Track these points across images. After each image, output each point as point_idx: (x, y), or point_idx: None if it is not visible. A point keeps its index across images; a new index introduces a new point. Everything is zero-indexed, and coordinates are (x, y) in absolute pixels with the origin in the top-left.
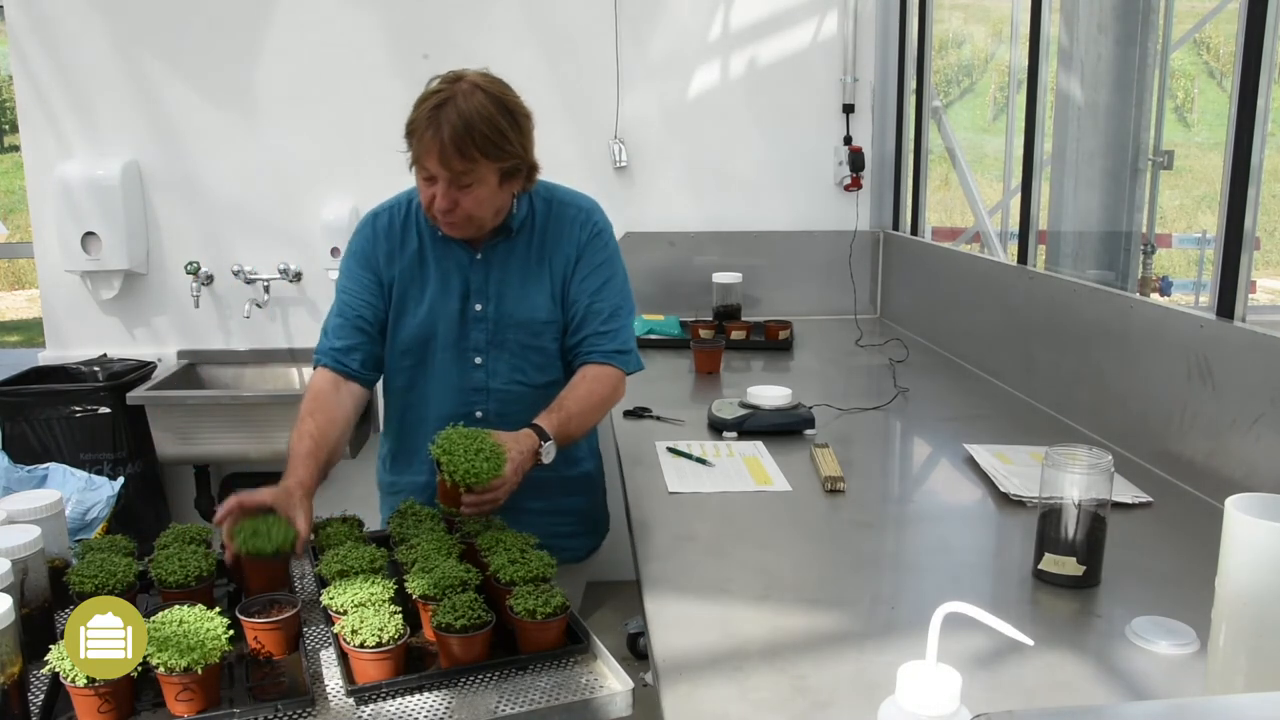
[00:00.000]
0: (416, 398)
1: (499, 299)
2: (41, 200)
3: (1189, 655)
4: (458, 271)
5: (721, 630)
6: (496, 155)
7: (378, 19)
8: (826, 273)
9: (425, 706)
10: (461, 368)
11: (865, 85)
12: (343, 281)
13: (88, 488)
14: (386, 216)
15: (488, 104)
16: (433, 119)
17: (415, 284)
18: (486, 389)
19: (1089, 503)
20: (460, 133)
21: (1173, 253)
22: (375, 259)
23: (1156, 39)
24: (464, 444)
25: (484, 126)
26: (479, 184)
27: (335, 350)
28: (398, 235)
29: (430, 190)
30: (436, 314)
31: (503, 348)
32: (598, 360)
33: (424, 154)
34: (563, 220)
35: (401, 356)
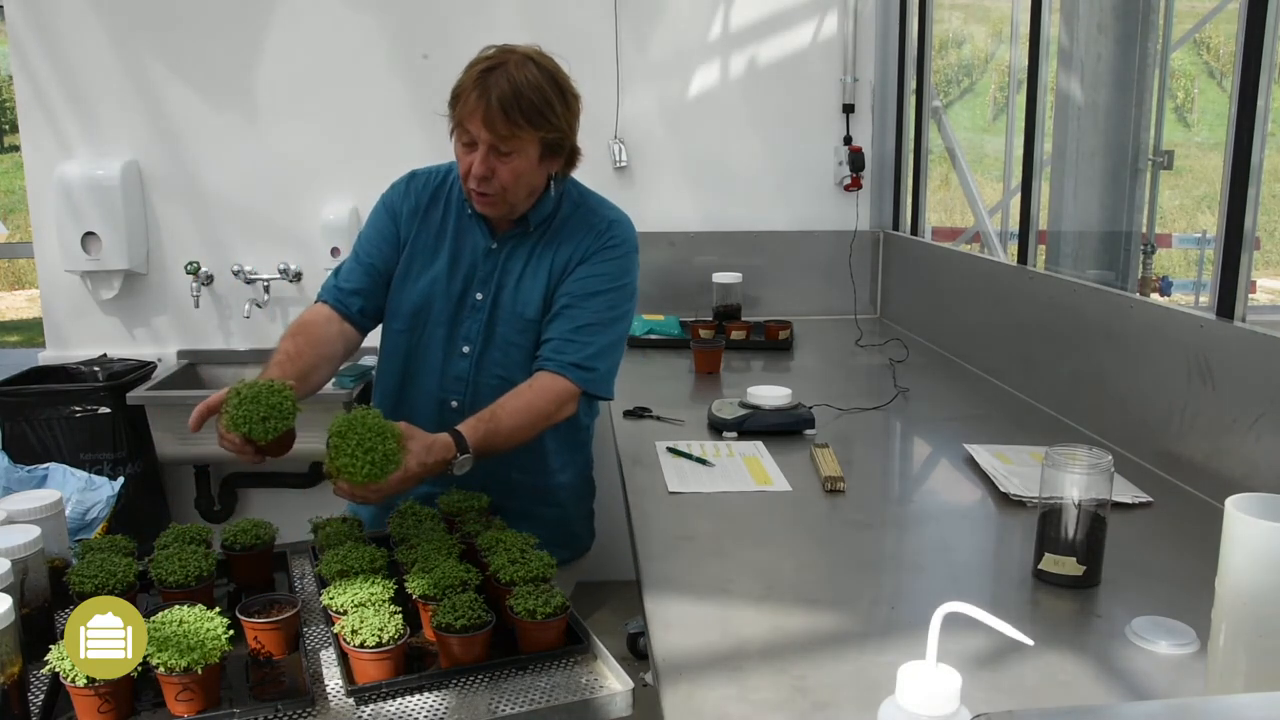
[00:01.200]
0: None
1: (500, 293)
2: (41, 200)
3: (1189, 655)
4: (470, 255)
5: (721, 630)
6: (541, 124)
7: (378, 19)
8: (826, 273)
9: (425, 706)
10: (448, 353)
11: (865, 85)
12: (365, 229)
13: (88, 488)
14: (424, 178)
15: (538, 75)
16: (480, 82)
17: (426, 252)
18: (468, 380)
19: (1089, 503)
20: (508, 97)
21: (1173, 253)
22: (400, 212)
23: (1156, 39)
24: (361, 435)
25: (532, 94)
26: (519, 154)
27: (340, 290)
28: (427, 198)
29: (469, 157)
30: (437, 290)
31: (491, 341)
32: (553, 369)
33: (468, 116)
34: (580, 223)
35: (394, 318)
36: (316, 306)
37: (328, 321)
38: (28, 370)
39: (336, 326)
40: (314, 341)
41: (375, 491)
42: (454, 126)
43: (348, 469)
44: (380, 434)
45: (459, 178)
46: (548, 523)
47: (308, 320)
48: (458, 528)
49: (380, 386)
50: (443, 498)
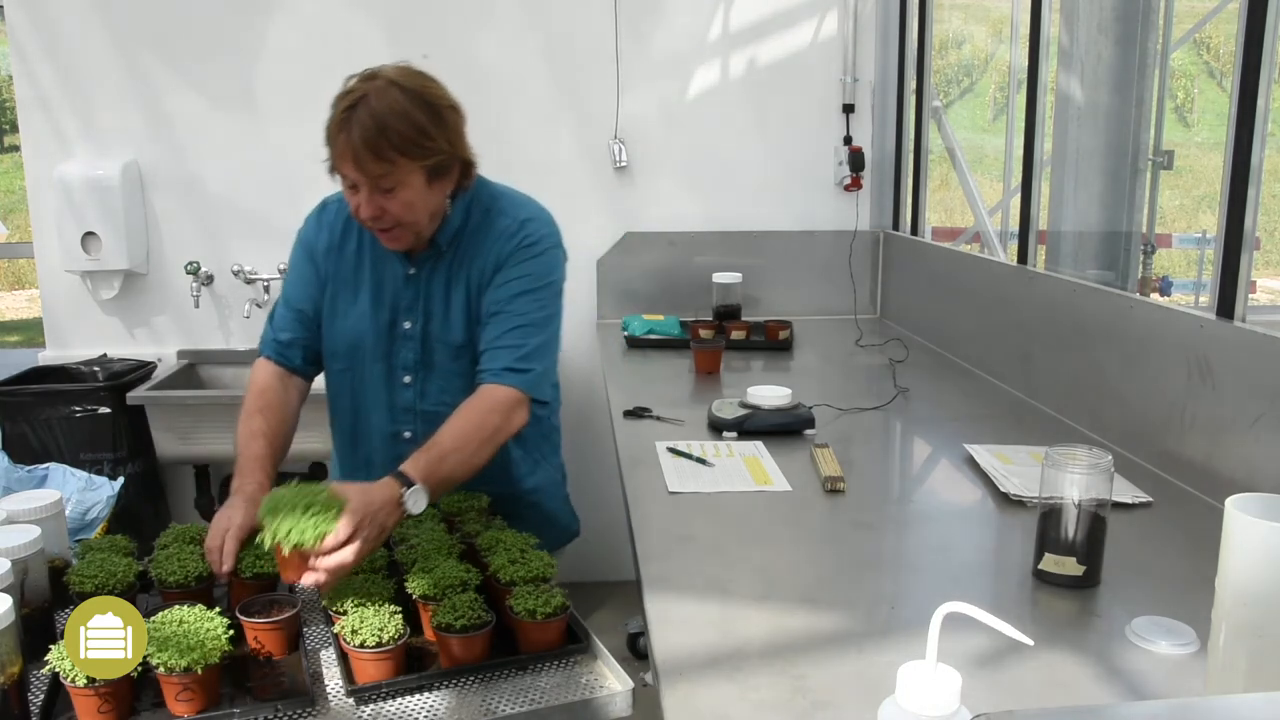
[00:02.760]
0: (353, 405)
1: (426, 318)
2: (41, 200)
3: (1189, 655)
4: (391, 284)
5: (721, 630)
6: (416, 154)
7: (378, 19)
8: (826, 273)
9: (425, 706)
10: (391, 385)
11: (865, 85)
12: (289, 271)
13: (88, 488)
14: (335, 208)
15: (403, 100)
16: (345, 121)
17: (348, 287)
18: (415, 410)
19: (1089, 503)
20: (373, 134)
21: (1173, 253)
22: (316, 250)
23: (1156, 39)
24: (292, 501)
25: (399, 124)
26: (403, 186)
27: (279, 343)
28: (339, 231)
29: (355, 198)
30: (365, 324)
31: (431, 369)
32: (490, 379)
33: (339, 160)
34: (491, 231)
35: (332, 359)
36: (263, 365)
37: (281, 383)
38: (28, 370)
39: (290, 384)
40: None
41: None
42: (330, 169)
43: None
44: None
45: None
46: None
47: (265, 386)
48: (458, 528)
49: (335, 427)
50: (443, 498)
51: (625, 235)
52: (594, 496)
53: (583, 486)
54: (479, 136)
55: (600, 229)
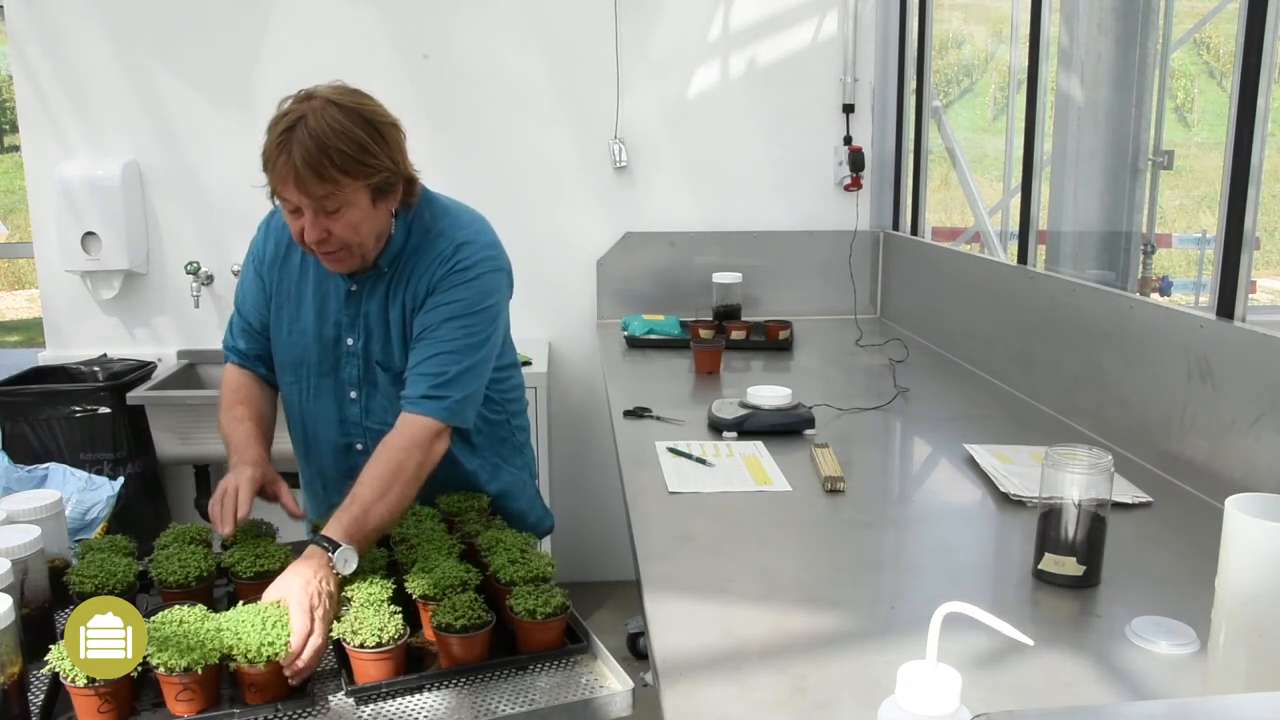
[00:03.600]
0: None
1: (369, 339)
2: (41, 200)
3: (1189, 655)
4: (334, 298)
5: (721, 630)
6: (359, 172)
7: (378, 19)
8: (826, 273)
9: (425, 706)
10: (339, 399)
11: (865, 85)
12: (241, 279)
13: (88, 488)
14: (281, 218)
15: (342, 118)
16: (283, 143)
17: (291, 301)
18: (363, 425)
19: (1089, 503)
20: (314, 154)
21: (1173, 253)
22: (262, 260)
23: (1156, 39)
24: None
25: (340, 142)
26: (348, 207)
27: (239, 352)
28: (285, 242)
29: (298, 223)
30: (310, 338)
31: (376, 387)
32: (409, 408)
33: (280, 183)
34: (425, 253)
35: (281, 370)
36: (231, 368)
37: (253, 381)
38: (28, 370)
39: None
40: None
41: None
42: (270, 194)
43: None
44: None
45: None
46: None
47: (238, 382)
48: (458, 528)
49: (291, 436)
50: (443, 498)
51: (625, 235)
52: (594, 496)
53: (583, 486)
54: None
55: (600, 229)
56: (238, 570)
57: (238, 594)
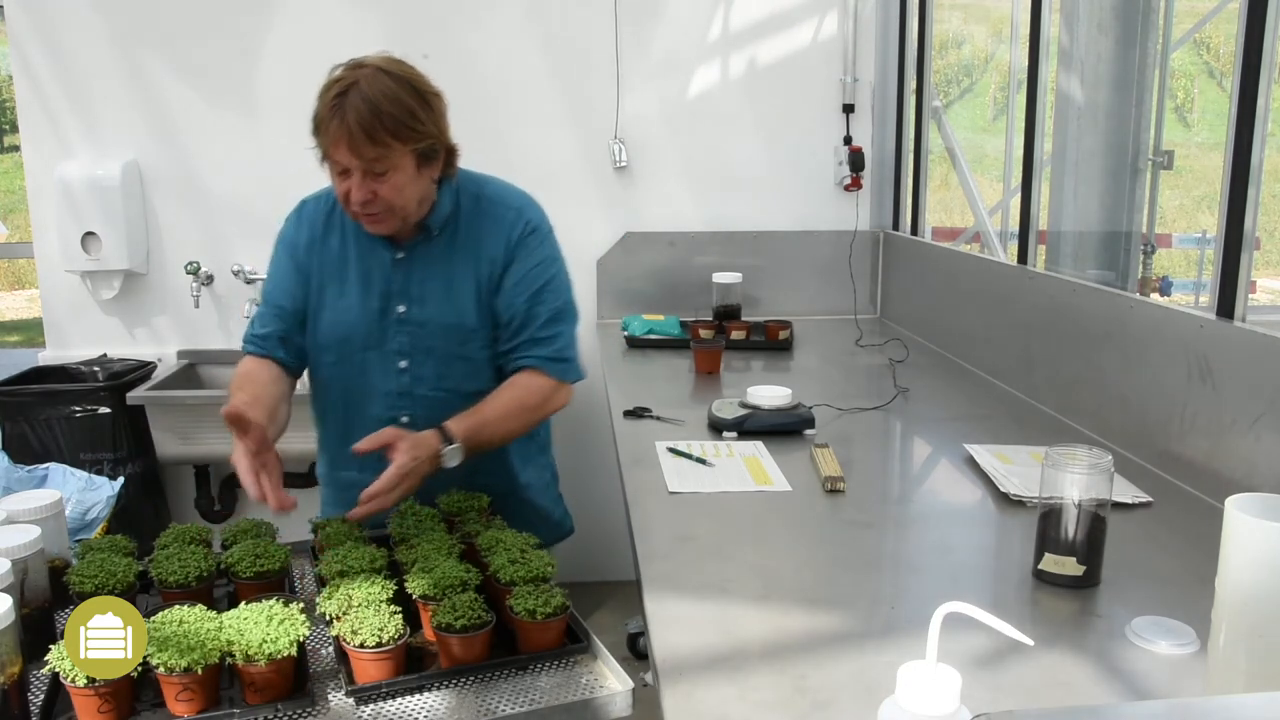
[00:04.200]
0: (346, 397)
1: (423, 303)
2: (41, 200)
3: (1189, 655)
4: (379, 270)
5: (721, 630)
6: (409, 137)
7: (378, 19)
8: (826, 273)
9: (425, 706)
10: (385, 371)
11: (865, 85)
12: (269, 270)
13: (88, 488)
14: (313, 205)
15: (393, 85)
16: (337, 107)
17: (334, 279)
18: (411, 394)
19: (1089, 503)
20: (367, 117)
21: (1173, 253)
22: (297, 246)
23: (1156, 39)
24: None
25: (392, 108)
26: (395, 170)
27: (258, 338)
28: (320, 226)
29: (345, 184)
30: (355, 313)
31: (429, 353)
32: (531, 366)
33: (332, 146)
34: (490, 219)
35: (321, 351)
36: (245, 360)
37: (262, 367)
38: (28, 370)
39: (272, 370)
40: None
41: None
42: (321, 157)
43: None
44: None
45: None
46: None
47: (245, 370)
48: (458, 528)
49: (325, 423)
50: (443, 498)
51: (625, 235)
52: (594, 496)
53: (583, 486)
54: (479, 136)
55: (600, 229)
56: (238, 570)
57: (238, 594)
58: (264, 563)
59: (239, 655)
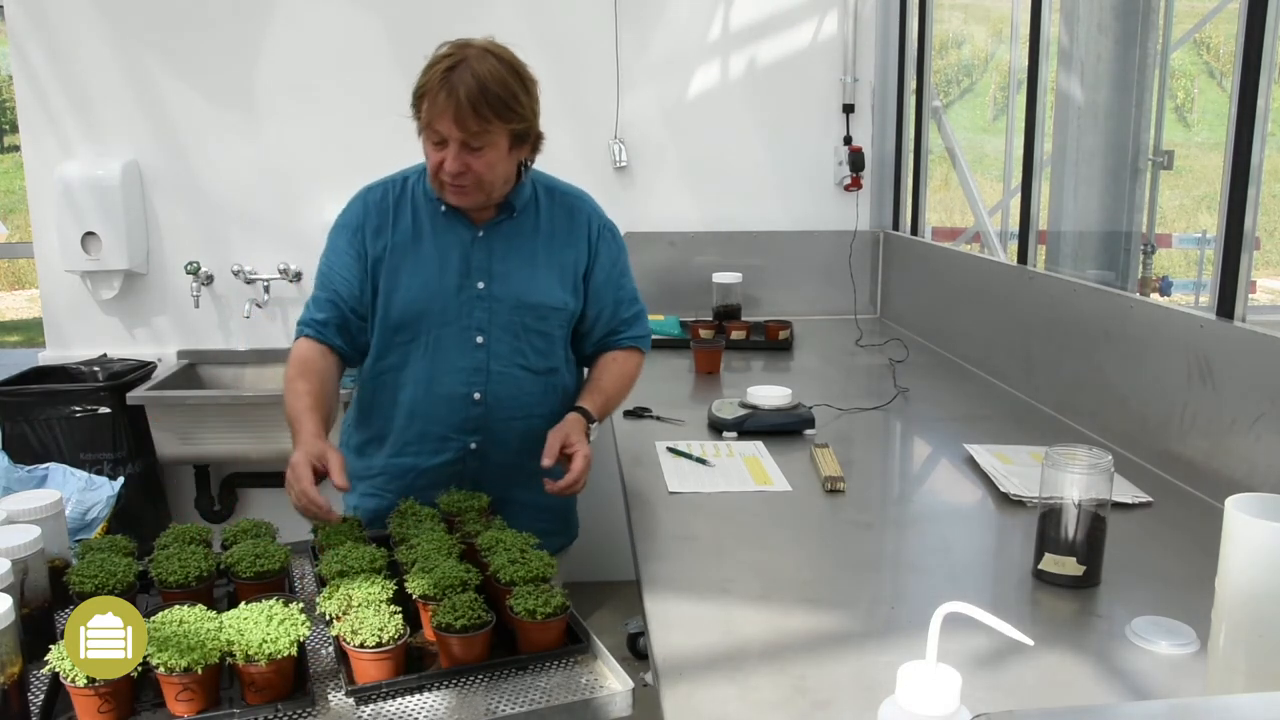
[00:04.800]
0: (419, 374)
1: (504, 279)
2: (41, 200)
3: (1189, 655)
4: (458, 247)
5: (721, 630)
6: (509, 117)
7: (378, 19)
8: (826, 273)
9: (425, 706)
10: (462, 346)
11: (865, 85)
12: (328, 254)
13: (88, 488)
14: (380, 191)
15: (499, 67)
16: (446, 80)
17: (409, 258)
18: (487, 370)
19: (1089, 503)
20: (475, 93)
21: (1173, 253)
22: (361, 232)
23: (1156, 39)
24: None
25: (497, 88)
26: (490, 147)
27: (316, 322)
28: (390, 209)
29: (440, 154)
30: (432, 289)
31: (506, 329)
32: (626, 345)
33: (437, 116)
34: (570, 212)
35: (394, 332)
36: (303, 342)
37: (320, 355)
38: (28, 370)
39: (329, 358)
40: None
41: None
42: (423, 127)
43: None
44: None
45: (420, 178)
46: (554, 509)
47: (304, 356)
48: (458, 528)
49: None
50: (443, 498)
51: (625, 235)
52: (594, 496)
53: None
54: None
55: None
56: (238, 570)
57: (238, 594)
58: (264, 563)
59: (239, 655)
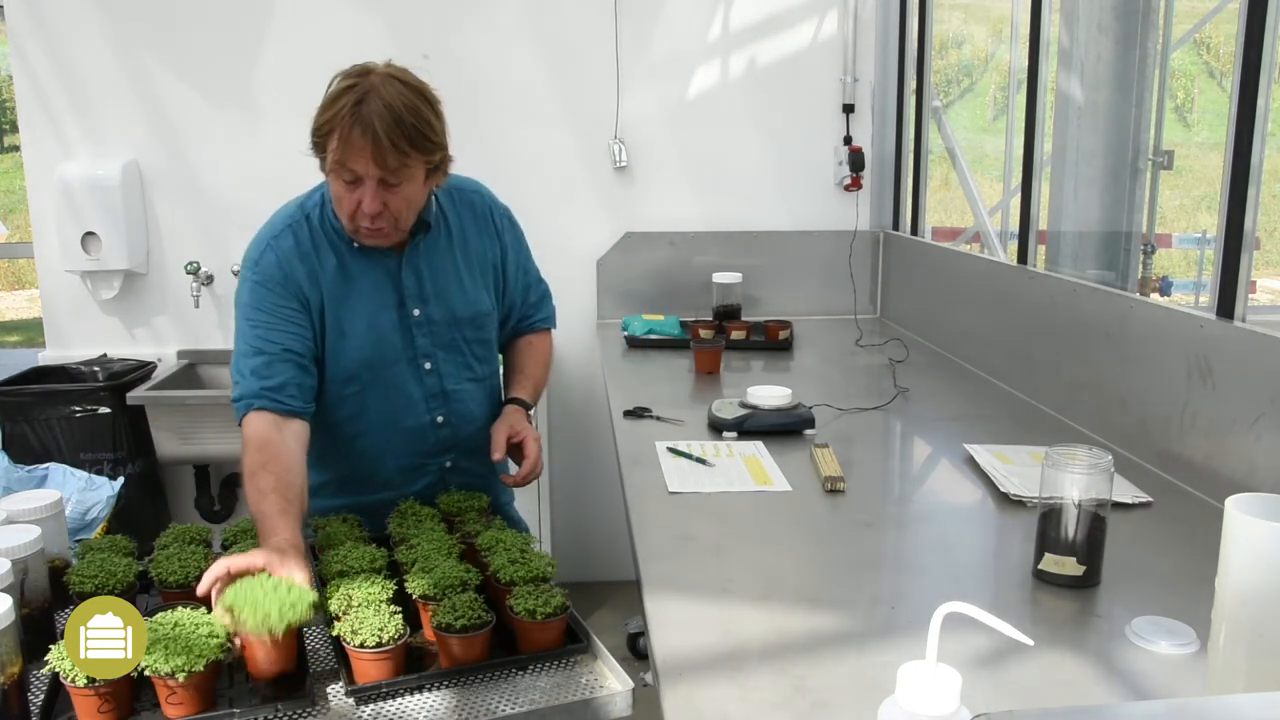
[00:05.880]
0: (378, 419)
1: (436, 300)
2: (41, 200)
3: (1189, 655)
4: (387, 279)
5: (721, 630)
6: (427, 148)
7: (378, 19)
8: (826, 273)
9: (425, 706)
10: (415, 377)
11: (865, 85)
12: (255, 316)
13: (88, 488)
14: (290, 237)
15: (407, 93)
16: (356, 115)
17: (345, 302)
18: (442, 392)
19: (1089, 503)
20: (391, 127)
21: (1173, 253)
22: (295, 282)
23: (1156, 39)
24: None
25: (412, 118)
26: (408, 181)
27: (268, 390)
28: (312, 253)
29: (356, 194)
30: (378, 332)
31: (450, 348)
32: (540, 327)
33: (353, 156)
34: (473, 209)
35: (345, 384)
36: (255, 418)
37: (279, 432)
38: (28, 370)
39: (288, 431)
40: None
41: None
42: (333, 165)
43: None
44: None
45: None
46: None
47: (262, 440)
48: (458, 528)
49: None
50: (443, 498)
51: (625, 235)
52: (594, 496)
53: (583, 486)
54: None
55: (600, 229)
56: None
57: None
58: None
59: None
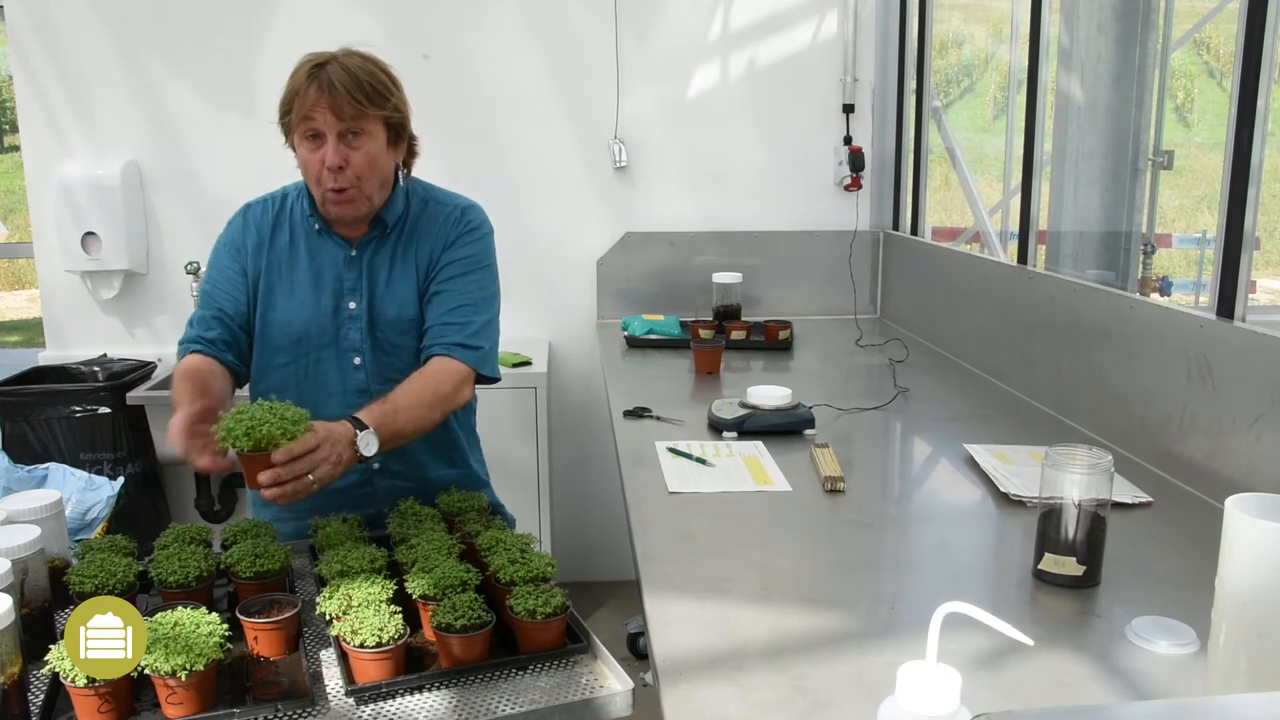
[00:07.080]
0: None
1: (374, 297)
2: (41, 200)
3: (1189, 655)
4: (331, 268)
5: (721, 630)
6: (383, 104)
7: (378, 19)
8: (826, 273)
9: (425, 706)
10: (342, 368)
11: (865, 85)
12: (210, 273)
13: (88, 488)
14: (259, 208)
15: (365, 63)
16: (315, 76)
17: (284, 277)
18: (369, 391)
19: (1089, 503)
20: (347, 80)
21: (1173, 253)
22: (243, 248)
23: (1156, 39)
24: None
25: (368, 77)
26: (367, 136)
27: (203, 339)
28: (269, 227)
29: (319, 152)
30: (308, 310)
31: (379, 347)
32: (440, 352)
33: (312, 107)
34: (433, 218)
35: (273, 354)
36: (190, 357)
37: (207, 365)
38: (28, 370)
39: (216, 369)
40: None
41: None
42: (295, 128)
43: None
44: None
45: (300, 196)
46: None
47: (194, 367)
48: (458, 528)
49: None
50: (443, 498)
51: (625, 235)
52: (594, 496)
53: (583, 486)
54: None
55: (600, 229)
56: (238, 570)
57: (238, 594)
58: (264, 563)
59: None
